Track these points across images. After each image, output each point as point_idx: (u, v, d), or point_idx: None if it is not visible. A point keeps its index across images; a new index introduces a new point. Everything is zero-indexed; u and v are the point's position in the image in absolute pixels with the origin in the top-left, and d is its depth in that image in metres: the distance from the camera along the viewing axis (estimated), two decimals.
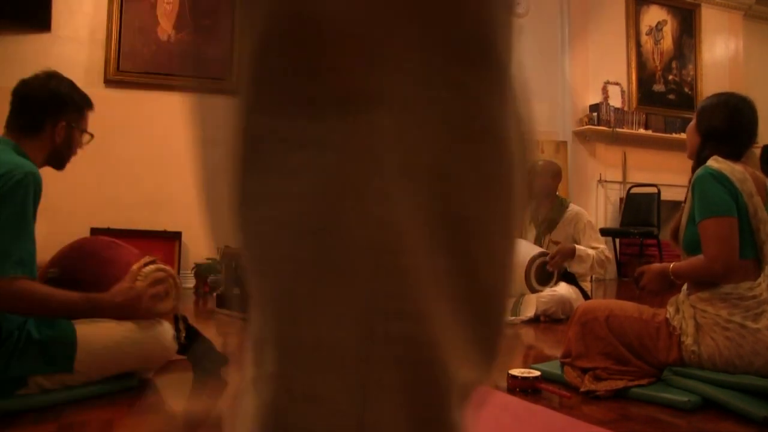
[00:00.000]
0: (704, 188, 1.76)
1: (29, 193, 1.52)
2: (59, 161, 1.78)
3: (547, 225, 3.56)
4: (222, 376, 1.93)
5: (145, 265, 1.71)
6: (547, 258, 3.30)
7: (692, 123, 1.96)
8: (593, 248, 3.36)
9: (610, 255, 3.54)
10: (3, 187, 1.48)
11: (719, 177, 1.75)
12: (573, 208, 3.53)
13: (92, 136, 1.83)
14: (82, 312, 1.61)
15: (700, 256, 1.76)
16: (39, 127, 1.68)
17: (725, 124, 1.85)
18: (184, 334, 1.85)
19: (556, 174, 3.57)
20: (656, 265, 1.90)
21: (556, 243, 3.39)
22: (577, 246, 3.31)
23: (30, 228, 1.52)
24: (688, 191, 1.87)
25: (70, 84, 1.76)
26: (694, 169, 1.88)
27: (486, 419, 1.48)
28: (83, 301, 1.60)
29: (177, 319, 1.88)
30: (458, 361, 0.45)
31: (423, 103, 0.44)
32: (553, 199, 3.57)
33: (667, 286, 1.87)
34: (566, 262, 3.32)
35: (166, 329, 1.78)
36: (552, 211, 3.55)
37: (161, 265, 1.74)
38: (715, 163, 1.80)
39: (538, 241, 3.60)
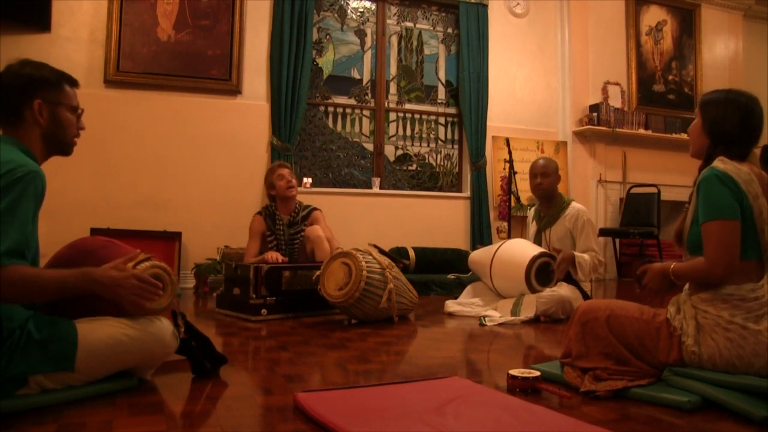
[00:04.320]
0: (709, 190, 1.75)
1: (27, 189, 1.50)
2: (60, 145, 1.73)
3: (548, 221, 3.58)
4: (222, 376, 1.93)
5: (140, 261, 1.69)
6: (554, 264, 3.31)
7: (697, 122, 1.89)
8: (589, 249, 3.39)
9: (603, 259, 3.58)
10: (3, 182, 1.47)
11: (725, 179, 1.73)
12: (574, 205, 3.55)
13: (83, 109, 1.77)
14: (76, 287, 1.56)
15: (701, 258, 1.75)
16: (19, 115, 1.64)
17: (738, 129, 1.80)
18: (183, 329, 1.85)
19: (556, 172, 3.60)
20: (658, 265, 1.88)
21: (558, 251, 3.39)
22: (575, 253, 3.33)
23: (23, 220, 1.49)
24: (692, 191, 1.84)
25: (40, 64, 1.70)
26: (701, 169, 1.84)
27: (486, 419, 1.48)
28: (76, 275, 1.56)
29: (175, 315, 1.87)
30: None
31: None
32: (555, 198, 3.58)
33: (669, 285, 1.85)
34: (569, 267, 3.33)
35: (166, 326, 1.78)
36: (553, 208, 3.57)
37: (156, 262, 1.73)
38: (721, 164, 1.77)
39: (537, 236, 3.62)
